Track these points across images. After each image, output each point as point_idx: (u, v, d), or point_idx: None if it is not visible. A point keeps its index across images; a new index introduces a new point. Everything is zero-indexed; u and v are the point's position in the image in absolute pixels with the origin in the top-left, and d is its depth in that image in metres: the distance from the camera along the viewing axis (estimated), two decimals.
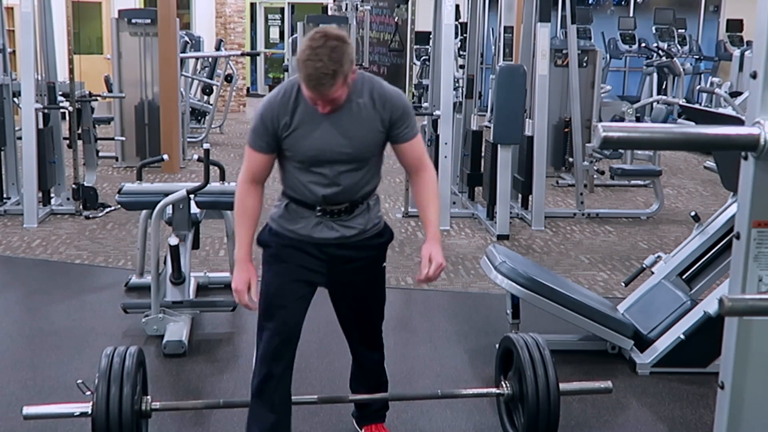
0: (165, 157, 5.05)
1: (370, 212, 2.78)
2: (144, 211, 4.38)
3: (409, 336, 4.39)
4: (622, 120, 8.18)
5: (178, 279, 4.21)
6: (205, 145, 4.27)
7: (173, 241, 4.08)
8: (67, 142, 7.06)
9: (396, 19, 15.17)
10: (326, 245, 2.75)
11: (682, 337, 3.76)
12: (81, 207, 6.74)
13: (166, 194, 4.16)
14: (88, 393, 2.77)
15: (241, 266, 2.70)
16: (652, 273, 4.25)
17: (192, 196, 4.23)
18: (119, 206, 4.56)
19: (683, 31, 13.73)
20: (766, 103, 1.72)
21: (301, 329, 2.80)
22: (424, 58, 13.51)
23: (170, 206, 4.22)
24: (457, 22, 10.18)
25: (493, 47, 9.42)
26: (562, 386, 2.98)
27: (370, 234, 2.80)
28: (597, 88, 8.50)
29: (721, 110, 7.89)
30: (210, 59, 11.69)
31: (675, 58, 12.21)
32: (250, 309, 2.72)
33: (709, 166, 5.42)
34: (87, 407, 2.75)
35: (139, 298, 4.52)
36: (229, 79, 11.62)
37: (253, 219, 2.72)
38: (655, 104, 9.21)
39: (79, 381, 2.83)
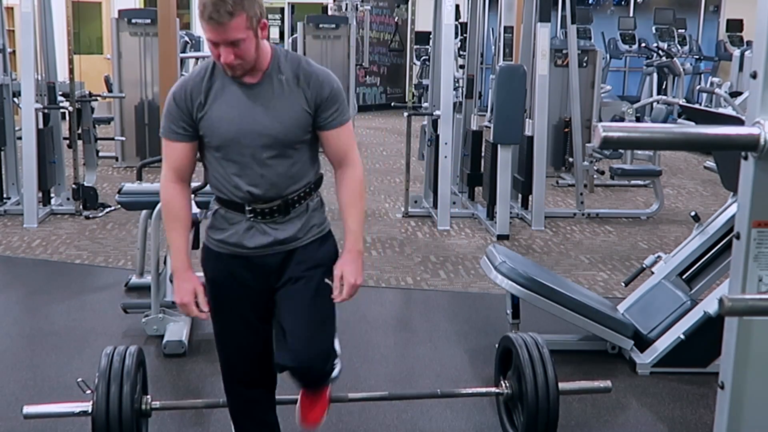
0: None
1: (309, 215, 2.46)
2: (144, 211, 4.38)
3: (409, 336, 4.39)
4: (622, 120, 8.18)
5: None
6: None
7: None
8: (67, 142, 7.06)
9: (396, 19, 15.17)
10: (259, 257, 2.44)
11: (682, 337, 3.76)
12: (81, 207, 6.74)
13: None
14: (88, 392, 2.77)
15: (181, 276, 2.43)
16: (652, 273, 4.25)
17: (192, 196, 4.22)
18: (119, 206, 4.55)
19: (683, 31, 13.74)
20: (766, 103, 1.72)
21: (268, 348, 2.55)
22: (424, 58, 13.51)
23: None
24: (457, 22, 10.19)
25: (493, 47, 9.42)
26: (562, 385, 2.99)
27: (308, 239, 2.46)
28: (597, 88, 8.50)
29: (721, 110, 7.88)
30: (209, 59, 11.68)
31: (675, 58, 12.21)
32: (203, 318, 2.50)
33: (709, 166, 5.42)
34: (87, 406, 2.74)
35: (139, 298, 4.52)
36: None
37: (184, 222, 2.45)
38: (655, 104, 9.21)
39: (79, 380, 2.83)
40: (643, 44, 13.21)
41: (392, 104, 13.95)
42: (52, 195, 6.96)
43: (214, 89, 2.34)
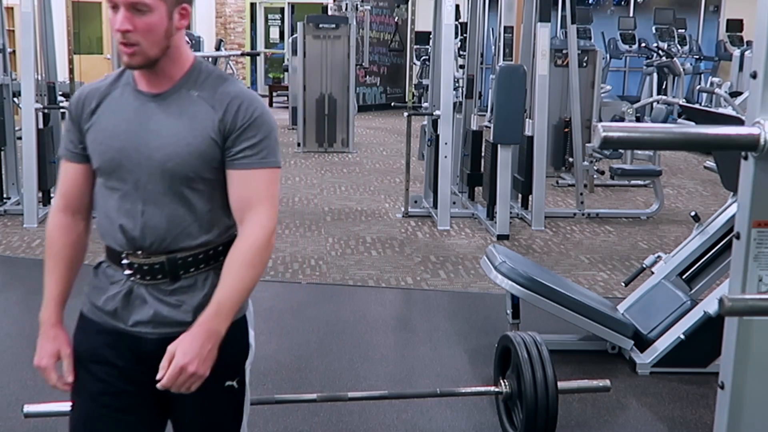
0: None
1: (211, 290, 1.80)
2: None
3: (409, 336, 4.39)
4: (622, 120, 8.18)
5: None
6: None
7: None
8: None
9: (396, 19, 15.17)
10: (135, 338, 1.84)
11: (682, 337, 3.76)
12: None
13: None
14: None
15: (45, 333, 1.89)
16: (652, 273, 4.25)
17: None
18: None
19: (683, 31, 13.74)
20: (766, 103, 1.72)
21: None
22: (424, 58, 13.51)
23: None
24: (457, 22, 10.19)
25: (493, 47, 9.43)
26: (561, 384, 2.99)
27: None
28: (597, 88, 8.50)
29: (721, 110, 7.88)
30: (210, 59, 11.70)
31: (675, 58, 12.21)
32: (65, 389, 1.92)
33: (709, 166, 5.42)
34: None
35: None
36: None
37: (66, 263, 1.94)
38: (655, 104, 9.21)
39: None
40: (643, 44, 13.21)
41: (392, 104, 13.97)
42: (52, 195, 6.95)
43: (111, 96, 1.85)
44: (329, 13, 13.87)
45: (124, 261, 1.84)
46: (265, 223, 1.78)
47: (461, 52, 9.71)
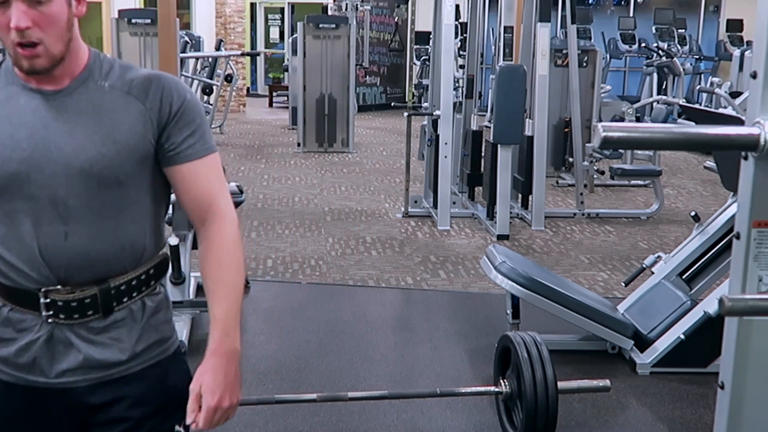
0: None
1: (147, 322, 1.59)
2: None
3: (409, 336, 4.39)
4: (622, 120, 8.18)
5: (178, 279, 4.21)
6: None
7: (173, 241, 4.07)
8: None
9: (396, 19, 15.17)
10: (61, 391, 1.54)
11: (682, 337, 3.76)
12: None
13: None
14: None
15: None
16: (652, 273, 4.25)
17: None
18: None
19: (683, 31, 13.74)
20: (766, 103, 1.71)
21: None
22: (424, 58, 13.51)
23: (170, 206, 4.22)
24: (457, 22, 10.18)
25: (493, 47, 9.43)
26: (561, 384, 2.99)
27: (145, 364, 1.59)
28: (597, 88, 8.50)
29: (721, 110, 7.88)
30: (210, 59, 11.70)
31: (675, 58, 12.21)
32: None
33: (709, 166, 5.42)
34: None
35: None
36: (229, 79, 11.63)
37: None
38: (655, 104, 9.21)
39: None
40: (643, 44, 13.21)
41: (392, 104, 13.96)
42: None
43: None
44: (329, 13, 13.88)
45: (43, 300, 1.49)
46: (230, 215, 1.59)
47: (461, 52, 9.70)
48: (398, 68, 15.50)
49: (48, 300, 1.50)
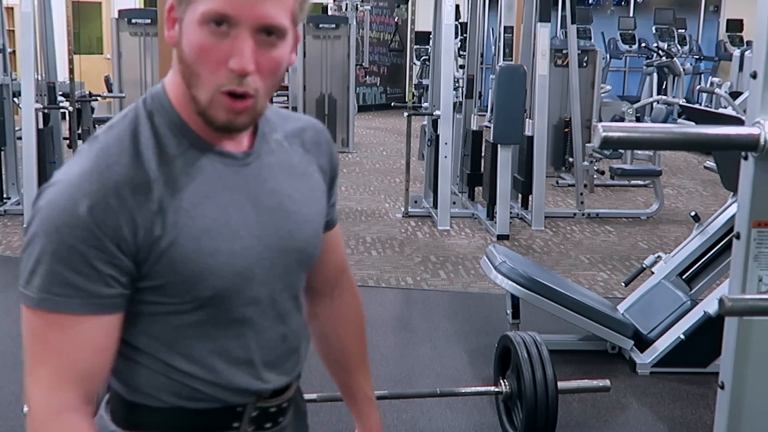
0: None
1: (305, 421, 1.50)
2: None
3: (409, 336, 4.39)
4: (622, 120, 8.18)
5: None
6: None
7: None
8: (67, 142, 7.07)
9: (396, 19, 15.17)
10: None
11: (682, 337, 3.76)
12: None
13: None
14: None
15: None
16: (652, 273, 4.26)
17: None
18: None
19: (683, 31, 13.74)
20: (766, 103, 1.72)
21: None
22: (424, 58, 13.51)
23: None
24: (457, 22, 10.18)
25: (493, 47, 9.43)
26: (561, 384, 2.99)
27: None
28: (597, 88, 8.50)
29: (721, 110, 7.88)
30: None
31: (675, 58, 12.21)
32: None
33: (709, 166, 5.42)
34: None
35: None
36: None
37: None
38: (655, 104, 9.21)
39: None
40: (643, 44, 13.21)
41: (392, 104, 13.95)
42: None
43: (176, 176, 1.09)
44: (329, 13, 13.87)
45: (251, 414, 1.22)
46: (354, 283, 1.44)
47: (461, 52, 9.70)
48: (398, 68, 15.50)
49: (255, 414, 1.22)
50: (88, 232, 1.03)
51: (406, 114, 7.10)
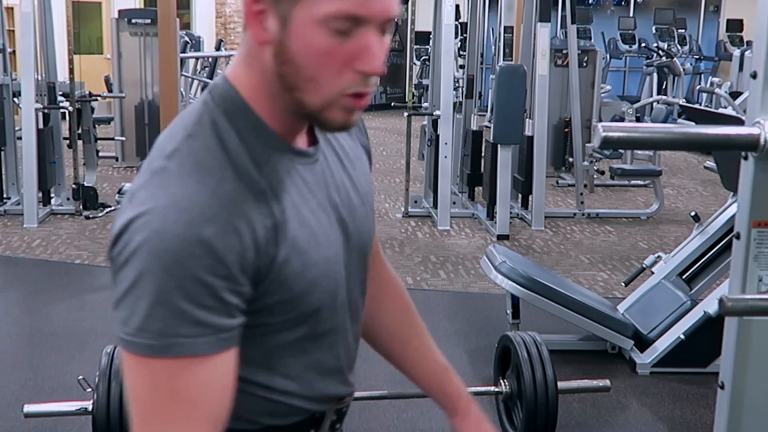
0: None
1: None
2: None
3: None
4: (622, 120, 8.18)
5: None
6: None
7: None
8: (67, 142, 7.07)
9: (396, 19, 15.17)
10: None
11: (682, 337, 3.76)
12: (81, 207, 6.74)
13: None
14: (89, 390, 2.77)
15: None
16: (652, 273, 4.26)
17: None
18: (119, 206, 4.56)
19: (683, 31, 13.74)
20: (766, 103, 1.72)
21: None
22: (424, 58, 13.51)
23: None
24: (457, 22, 10.18)
25: (493, 47, 9.42)
26: (560, 384, 2.99)
27: None
28: (597, 88, 8.50)
29: (721, 110, 7.88)
30: (210, 59, 11.70)
31: (675, 58, 12.21)
32: None
33: (709, 166, 5.42)
34: (87, 404, 2.74)
35: None
36: None
37: None
38: (655, 104, 9.21)
39: (80, 377, 2.82)
40: (643, 44, 13.21)
41: (392, 104, 13.94)
42: (52, 195, 6.96)
43: (274, 184, 1.00)
44: None
45: (330, 419, 1.22)
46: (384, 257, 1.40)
47: (461, 52, 9.70)
48: (398, 68, 15.50)
49: (335, 417, 1.23)
50: (217, 261, 0.91)
51: (406, 114, 7.10)
